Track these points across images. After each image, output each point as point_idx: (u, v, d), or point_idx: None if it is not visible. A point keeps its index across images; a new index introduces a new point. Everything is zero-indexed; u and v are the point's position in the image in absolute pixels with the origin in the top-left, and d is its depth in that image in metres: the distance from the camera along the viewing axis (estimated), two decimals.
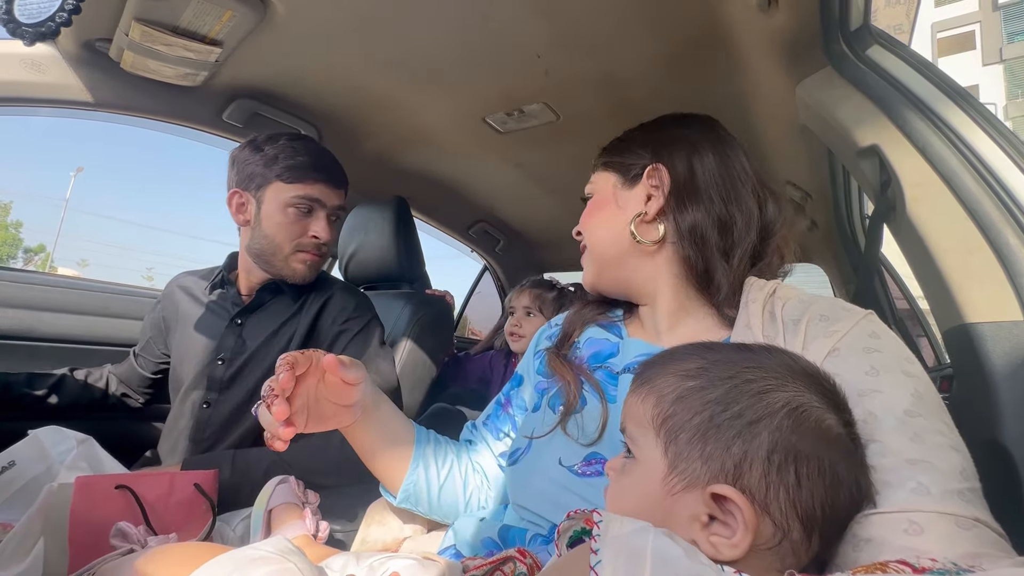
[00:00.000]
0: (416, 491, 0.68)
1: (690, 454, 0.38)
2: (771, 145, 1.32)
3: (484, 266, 2.46)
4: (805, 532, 0.36)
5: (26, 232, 27.68)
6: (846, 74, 0.79)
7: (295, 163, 1.00)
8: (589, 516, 0.37)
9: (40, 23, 0.85)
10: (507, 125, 1.35)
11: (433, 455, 0.71)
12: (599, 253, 0.69)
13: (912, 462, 0.39)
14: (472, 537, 0.63)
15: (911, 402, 0.43)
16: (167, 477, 0.72)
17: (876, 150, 0.73)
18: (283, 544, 0.43)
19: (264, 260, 1.02)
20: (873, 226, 0.88)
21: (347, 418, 0.64)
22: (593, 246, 0.69)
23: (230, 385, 1.00)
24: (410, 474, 0.68)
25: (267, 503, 0.68)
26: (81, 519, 0.61)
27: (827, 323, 0.51)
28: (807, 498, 0.36)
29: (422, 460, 0.69)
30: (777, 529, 0.36)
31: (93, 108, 1.12)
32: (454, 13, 0.95)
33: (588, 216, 0.71)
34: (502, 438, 0.74)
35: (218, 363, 1.01)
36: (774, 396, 0.38)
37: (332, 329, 1.03)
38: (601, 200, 0.70)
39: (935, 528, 0.36)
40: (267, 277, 1.05)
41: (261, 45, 1.06)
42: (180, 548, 0.48)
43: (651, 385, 0.42)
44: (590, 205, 0.72)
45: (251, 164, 1.01)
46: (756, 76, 1.03)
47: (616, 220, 0.67)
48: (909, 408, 0.42)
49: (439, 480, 0.70)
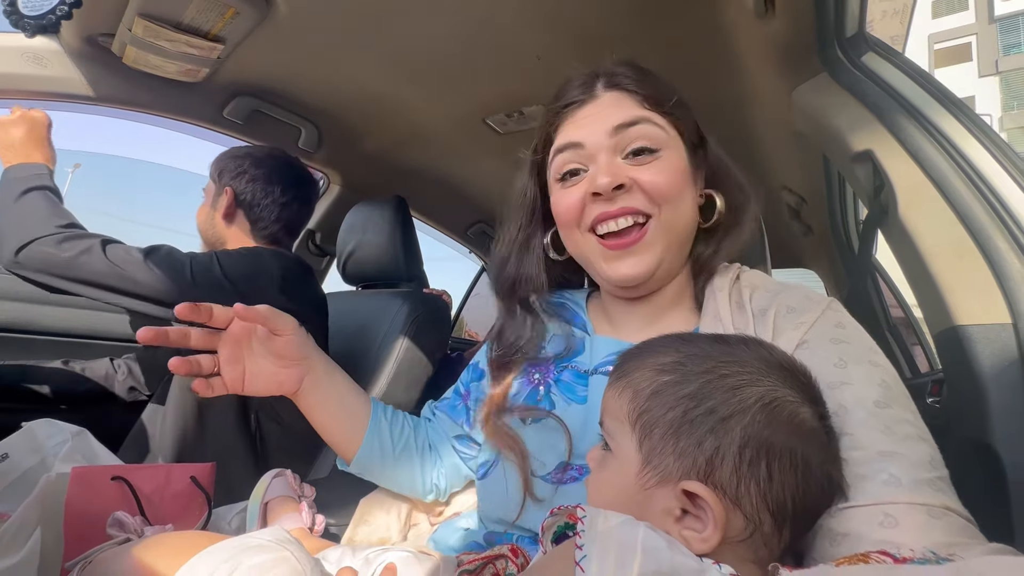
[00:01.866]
0: (369, 464, 0.69)
1: (663, 449, 0.38)
2: (767, 150, 1.34)
3: (482, 267, 2.47)
4: (776, 525, 0.37)
5: None
6: (841, 80, 0.80)
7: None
8: (573, 511, 0.37)
9: (41, 15, 0.86)
10: (507, 126, 1.36)
11: (389, 429, 0.70)
12: (678, 235, 0.57)
13: (884, 454, 0.40)
14: (456, 544, 0.62)
15: (879, 392, 0.44)
16: (163, 469, 0.72)
17: (870, 155, 0.74)
18: (280, 534, 0.43)
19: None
20: (866, 230, 0.89)
21: (291, 383, 0.63)
22: (677, 224, 0.56)
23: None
24: (364, 447, 0.68)
25: (263, 496, 0.69)
26: (77, 509, 0.61)
27: (795, 315, 0.51)
28: (778, 492, 0.36)
29: (377, 434, 0.69)
30: (748, 522, 0.36)
31: (94, 102, 1.12)
32: (455, 14, 0.96)
33: (675, 180, 0.55)
34: (459, 423, 0.72)
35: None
36: (748, 391, 0.38)
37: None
38: (682, 167, 0.56)
39: (909, 519, 0.37)
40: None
41: (263, 43, 1.06)
42: (177, 536, 0.48)
43: (628, 379, 0.42)
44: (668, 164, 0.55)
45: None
46: (753, 81, 1.04)
47: (690, 194, 0.58)
48: (878, 399, 0.43)
49: (394, 453, 0.69)
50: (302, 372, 0.64)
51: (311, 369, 0.65)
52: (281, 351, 0.62)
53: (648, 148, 0.55)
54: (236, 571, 0.38)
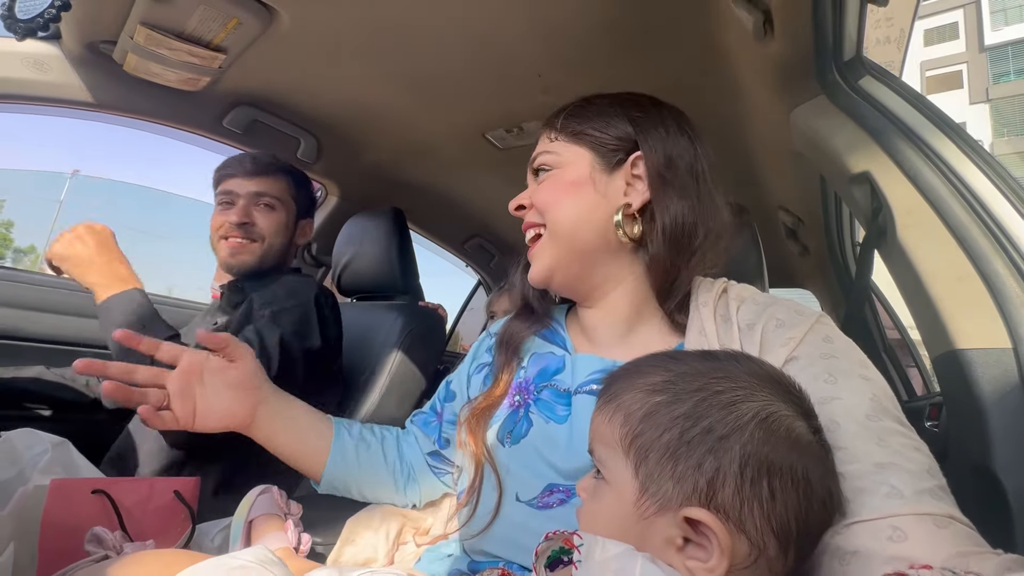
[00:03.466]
0: (337, 482, 0.71)
1: (661, 475, 0.36)
2: (765, 170, 1.35)
3: (478, 281, 2.46)
4: (781, 547, 0.35)
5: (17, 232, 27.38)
6: (839, 103, 0.81)
7: (217, 171, 1.12)
8: (569, 537, 0.36)
9: (31, 19, 0.86)
10: (506, 141, 1.36)
11: (354, 446, 0.71)
12: (568, 242, 0.59)
13: (881, 466, 0.39)
14: (441, 572, 0.60)
15: (871, 406, 0.43)
16: (146, 483, 0.70)
17: (868, 177, 0.74)
18: (263, 554, 0.42)
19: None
20: (864, 252, 0.89)
21: (244, 414, 0.64)
22: (562, 230, 0.59)
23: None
24: (329, 465, 0.69)
25: (248, 513, 0.67)
26: (54, 523, 0.59)
27: (784, 329, 0.50)
28: (781, 511, 0.35)
29: (341, 451, 0.70)
30: (753, 547, 0.35)
31: (94, 108, 1.12)
32: (458, 30, 0.97)
33: (557, 192, 0.60)
34: (431, 439, 0.73)
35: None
36: (744, 407, 0.37)
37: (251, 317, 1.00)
38: (576, 179, 0.59)
39: (917, 531, 0.36)
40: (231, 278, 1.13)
41: (265, 54, 1.07)
42: (156, 555, 0.46)
43: (617, 402, 0.41)
44: (557, 179, 0.60)
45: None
46: (751, 102, 1.05)
47: (597, 207, 0.58)
48: (869, 412, 0.42)
49: (359, 469, 0.71)
50: (255, 402, 0.65)
51: (264, 399, 0.66)
52: (235, 381, 0.64)
53: (543, 168, 0.63)
54: None
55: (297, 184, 1.17)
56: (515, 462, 0.57)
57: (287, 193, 1.14)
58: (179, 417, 0.61)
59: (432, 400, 0.76)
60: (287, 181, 1.14)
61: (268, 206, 1.11)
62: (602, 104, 0.63)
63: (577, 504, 0.44)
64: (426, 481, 0.73)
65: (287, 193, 1.14)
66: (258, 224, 1.09)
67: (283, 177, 1.14)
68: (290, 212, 1.14)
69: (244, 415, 0.65)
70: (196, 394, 0.62)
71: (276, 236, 1.12)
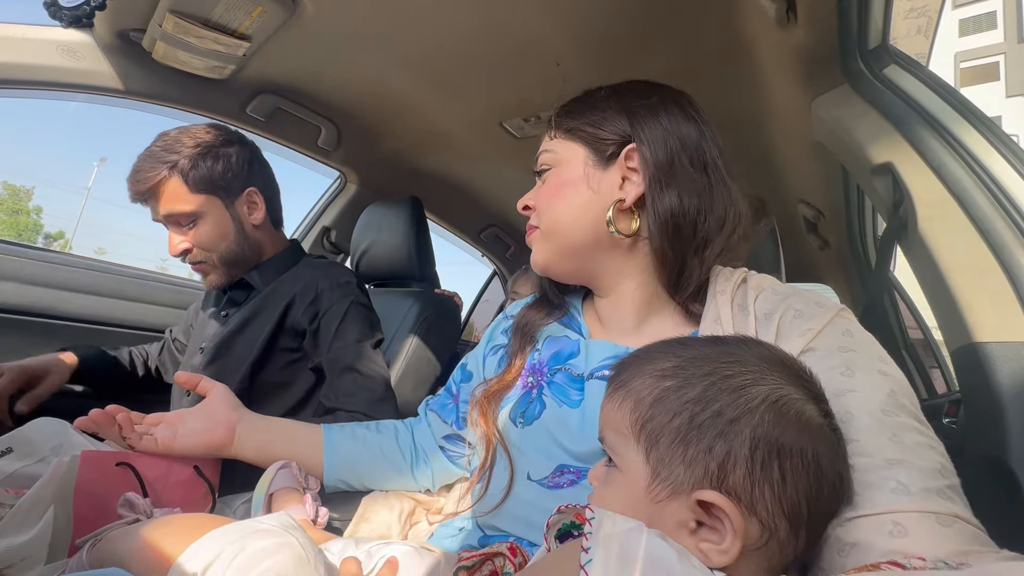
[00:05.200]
0: (340, 485, 0.72)
1: (672, 459, 0.37)
2: (785, 162, 1.33)
3: (493, 271, 2.47)
4: (792, 529, 0.36)
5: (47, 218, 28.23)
6: (863, 92, 0.80)
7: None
8: (581, 511, 0.37)
9: (76, 6, 0.89)
10: (524, 131, 1.36)
11: (349, 447, 0.73)
12: (562, 240, 0.60)
13: (891, 462, 0.39)
14: (453, 546, 0.62)
15: (887, 401, 0.42)
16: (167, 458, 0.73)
17: (890, 168, 0.73)
18: (286, 519, 0.44)
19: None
20: (884, 244, 0.88)
21: (222, 433, 0.68)
22: (555, 230, 0.60)
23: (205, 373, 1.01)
24: (327, 470, 0.72)
25: (268, 487, 0.69)
26: (85, 490, 0.62)
27: (802, 320, 0.49)
28: (792, 494, 0.35)
29: (334, 455, 0.72)
30: (764, 529, 0.35)
31: (123, 96, 1.15)
32: (476, 18, 0.98)
33: (551, 193, 0.60)
34: (449, 422, 0.73)
35: (199, 352, 1.04)
36: (754, 390, 0.37)
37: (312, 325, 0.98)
38: (569, 177, 0.59)
39: (918, 528, 0.36)
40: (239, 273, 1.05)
41: (288, 42, 1.09)
42: (185, 518, 0.49)
43: (627, 389, 0.41)
44: (553, 179, 0.61)
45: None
46: (772, 91, 1.04)
47: (589, 205, 0.58)
48: (885, 407, 0.42)
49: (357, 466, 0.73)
50: (230, 423, 0.69)
51: (242, 417, 0.71)
52: (210, 411, 0.70)
53: (543, 169, 0.63)
54: (241, 553, 0.38)
55: (188, 173, 0.92)
56: (527, 443, 0.58)
57: (186, 195, 0.93)
58: (159, 440, 0.67)
59: (447, 383, 0.77)
60: (177, 182, 0.92)
61: (183, 224, 0.95)
62: (600, 97, 0.61)
63: (587, 486, 0.45)
64: (439, 466, 0.74)
65: (186, 195, 0.93)
66: (192, 247, 0.96)
67: (170, 182, 0.92)
68: (213, 208, 0.95)
69: (222, 435, 0.69)
70: (175, 421, 0.68)
71: (222, 240, 0.97)
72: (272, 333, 0.98)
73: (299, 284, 1.00)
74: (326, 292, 0.99)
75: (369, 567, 0.50)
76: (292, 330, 0.99)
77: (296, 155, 1.54)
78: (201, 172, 0.93)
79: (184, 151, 0.92)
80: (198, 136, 0.95)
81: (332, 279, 1.01)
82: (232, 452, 0.70)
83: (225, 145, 0.97)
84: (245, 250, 1.01)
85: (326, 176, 1.72)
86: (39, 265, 1.28)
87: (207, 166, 0.94)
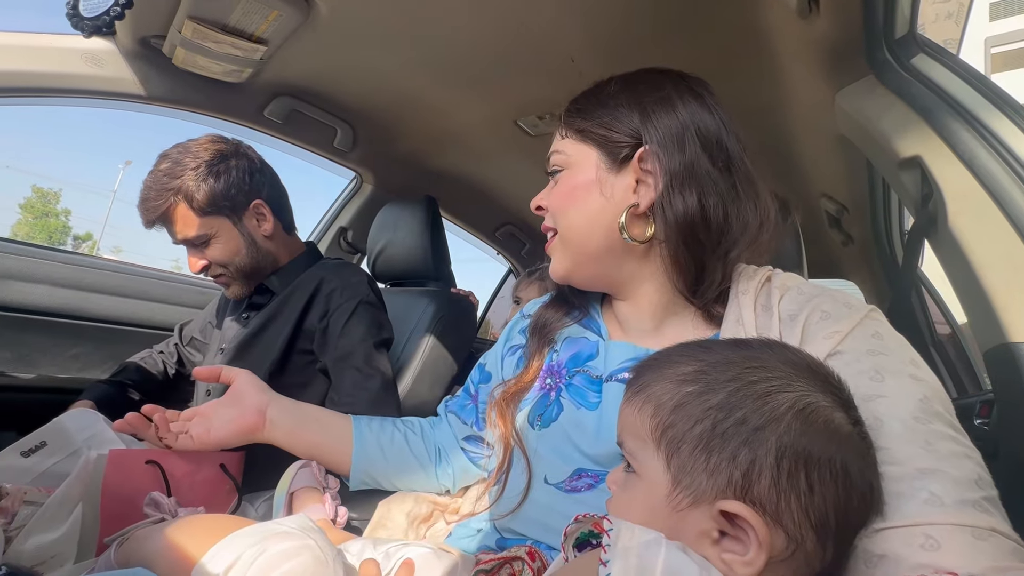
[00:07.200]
0: (367, 476, 0.73)
1: (694, 467, 0.36)
2: (807, 156, 1.30)
3: (508, 269, 2.47)
4: (819, 541, 0.35)
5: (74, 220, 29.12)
6: (889, 83, 0.77)
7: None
8: (599, 521, 0.36)
9: (96, 17, 0.91)
10: (538, 128, 1.36)
11: (376, 441, 0.73)
12: (577, 245, 0.59)
13: (923, 471, 0.37)
14: (471, 546, 0.62)
15: (919, 407, 0.40)
16: (194, 456, 0.75)
17: (918, 161, 0.71)
18: (305, 522, 0.44)
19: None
20: (912, 240, 0.85)
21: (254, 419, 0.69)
22: (570, 236, 0.59)
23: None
24: (355, 463, 0.72)
25: (289, 485, 0.70)
26: (112, 490, 0.63)
27: (829, 322, 0.47)
28: (820, 504, 0.34)
29: (363, 447, 0.72)
30: (791, 540, 0.34)
31: (145, 101, 1.17)
32: (492, 17, 0.97)
33: (564, 197, 0.59)
34: (468, 423, 0.73)
35: (219, 352, 1.07)
36: (779, 397, 0.36)
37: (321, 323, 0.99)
38: (582, 181, 0.58)
39: (952, 541, 0.34)
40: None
41: (303, 44, 1.10)
42: (208, 519, 0.50)
43: (647, 393, 0.40)
44: (565, 181, 0.59)
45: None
46: (794, 84, 1.01)
47: (603, 211, 0.56)
48: (918, 414, 0.40)
49: (387, 462, 0.73)
50: (260, 406, 0.70)
51: (272, 400, 0.71)
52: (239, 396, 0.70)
53: (555, 170, 0.61)
54: (262, 556, 0.39)
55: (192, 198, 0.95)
56: (544, 446, 0.57)
57: (193, 220, 0.96)
58: (194, 436, 0.68)
59: (466, 384, 0.77)
60: (184, 208, 0.95)
61: (199, 246, 0.99)
62: (611, 91, 0.59)
63: (605, 490, 0.44)
64: (460, 466, 0.74)
65: (193, 220, 0.96)
66: (211, 263, 1.00)
67: (178, 208, 0.95)
68: (222, 228, 0.99)
69: (254, 419, 0.69)
70: (208, 414, 0.69)
71: (235, 256, 1.01)
72: (290, 336, 1.00)
73: (313, 286, 1.02)
74: (336, 292, 1.01)
75: (387, 568, 0.50)
76: (308, 332, 1.01)
77: (312, 156, 1.55)
78: (205, 194, 0.95)
79: (186, 174, 0.95)
80: (198, 155, 0.97)
81: (342, 279, 1.03)
82: (264, 435, 0.70)
83: (224, 160, 0.99)
84: (259, 260, 1.04)
85: (342, 177, 1.74)
86: (67, 268, 1.32)
87: (209, 187, 0.96)
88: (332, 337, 0.98)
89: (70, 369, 1.30)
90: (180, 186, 0.94)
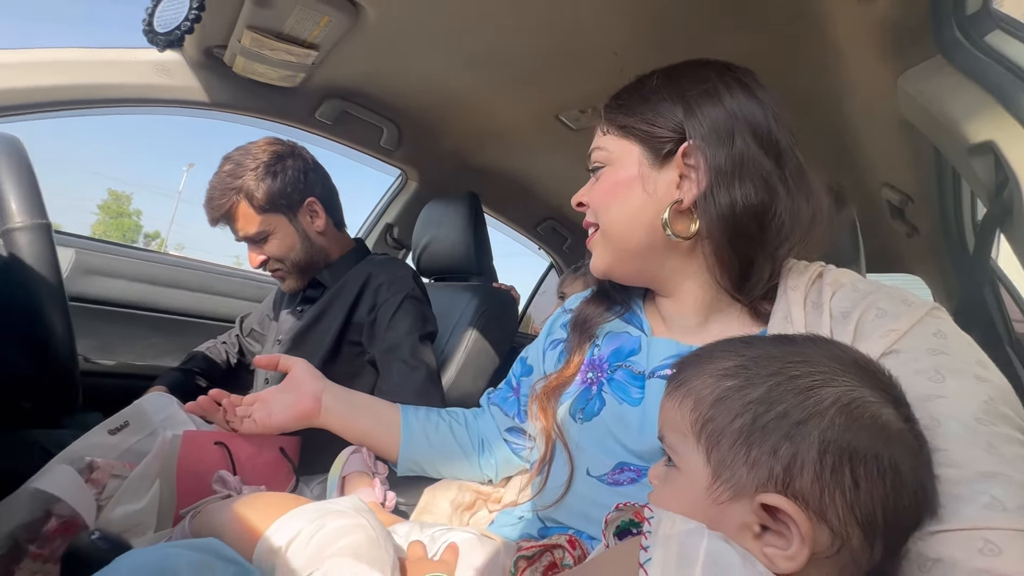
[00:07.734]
0: (413, 463, 0.75)
1: (734, 460, 0.35)
2: (867, 144, 1.23)
3: (550, 264, 2.47)
4: (866, 539, 0.34)
5: (144, 220, 31.33)
6: (958, 63, 0.72)
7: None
8: (640, 510, 0.36)
9: (169, 31, 0.98)
10: (580, 122, 1.35)
11: (423, 429, 0.76)
12: (619, 242, 0.58)
13: (985, 474, 0.35)
14: (512, 533, 0.62)
15: (983, 408, 0.38)
16: (256, 439, 0.80)
17: (991, 146, 0.66)
18: (358, 503, 0.47)
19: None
20: (985, 231, 0.80)
21: (310, 404, 0.72)
22: (612, 232, 0.58)
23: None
24: (403, 449, 0.74)
25: (341, 469, 0.74)
26: (186, 468, 0.69)
27: (885, 319, 0.45)
28: (866, 501, 0.33)
29: (409, 435, 0.75)
30: (835, 536, 0.33)
31: (209, 108, 1.25)
32: (536, 15, 0.97)
33: (606, 194, 0.58)
34: (511, 415, 0.74)
35: (276, 343, 1.13)
36: (823, 392, 0.35)
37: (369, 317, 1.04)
38: (624, 177, 0.57)
39: (1014, 547, 0.32)
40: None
41: (352, 48, 1.14)
42: (272, 496, 0.53)
43: (687, 388, 0.40)
44: (607, 178, 0.58)
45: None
46: (853, 69, 0.96)
47: (645, 207, 0.55)
48: (980, 415, 0.38)
49: (433, 451, 0.75)
50: (316, 392, 0.74)
51: (326, 388, 0.75)
52: (295, 383, 0.74)
53: (596, 167, 0.60)
54: (320, 531, 0.42)
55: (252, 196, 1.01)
56: (586, 439, 0.58)
57: (253, 217, 1.03)
58: (257, 420, 0.73)
59: (508, 376, 0.79)
60: (245, 206, 1.02)
61: (259, 241, 1.05)
62: (653, 86, 0.57)
63: (648, 484, 0.44)
64: (503, 457, 0.75)
65: (253, 217, 1.03)
66: (269, 257, 1.07)
67: (240, 206, 1.02)
68: (279, 224, 1.05)
69: (310, 405, 0.73)
70: (268, 399, 0.74)
71: (290, 251, 1.07)
72: (341, 328, 1.05)
73: (362, 281, 1.07)
74: (383, 286, 1.05)
75: (433, 550, 0.53)
76: (358, 325, 1.05)
77: (361, 155, 1.61)
78: (264, 193, 1.02)
79: (247, 175, 1.02)
80: (257, 156, 1.04)
81: (389, 274, 1.07)
82: (319, 421, 0.74)
83: (280, 160, 1.05)
84: (313, 255, 1.10)
85: (388, 175, 1.79)
86: (142, 264, 1.44)
87: (268, 186, 1.03)
88: (379, 330, 1.02)
89: (145, 357, 1.42)
90: (241, 185, 1.02)
